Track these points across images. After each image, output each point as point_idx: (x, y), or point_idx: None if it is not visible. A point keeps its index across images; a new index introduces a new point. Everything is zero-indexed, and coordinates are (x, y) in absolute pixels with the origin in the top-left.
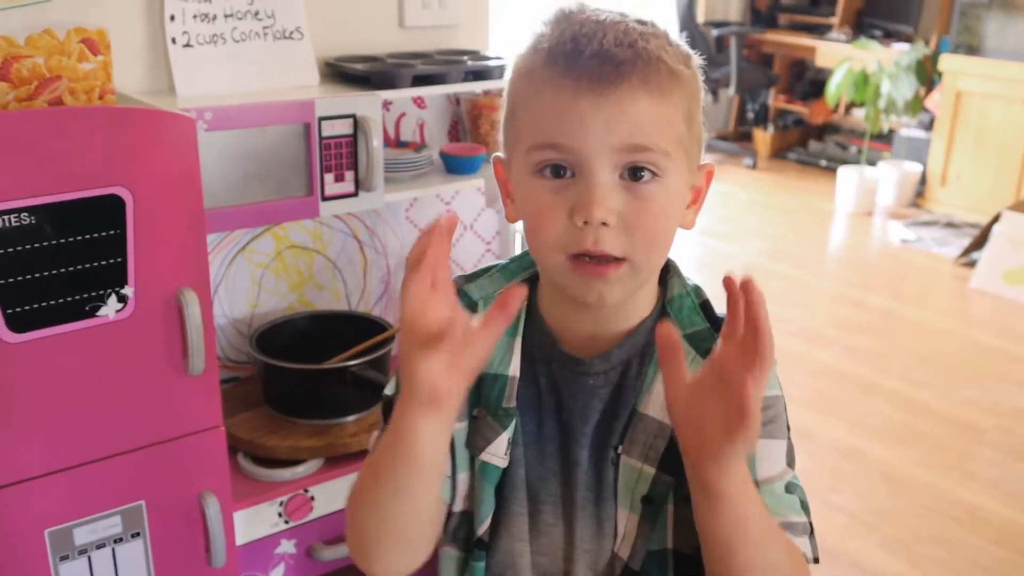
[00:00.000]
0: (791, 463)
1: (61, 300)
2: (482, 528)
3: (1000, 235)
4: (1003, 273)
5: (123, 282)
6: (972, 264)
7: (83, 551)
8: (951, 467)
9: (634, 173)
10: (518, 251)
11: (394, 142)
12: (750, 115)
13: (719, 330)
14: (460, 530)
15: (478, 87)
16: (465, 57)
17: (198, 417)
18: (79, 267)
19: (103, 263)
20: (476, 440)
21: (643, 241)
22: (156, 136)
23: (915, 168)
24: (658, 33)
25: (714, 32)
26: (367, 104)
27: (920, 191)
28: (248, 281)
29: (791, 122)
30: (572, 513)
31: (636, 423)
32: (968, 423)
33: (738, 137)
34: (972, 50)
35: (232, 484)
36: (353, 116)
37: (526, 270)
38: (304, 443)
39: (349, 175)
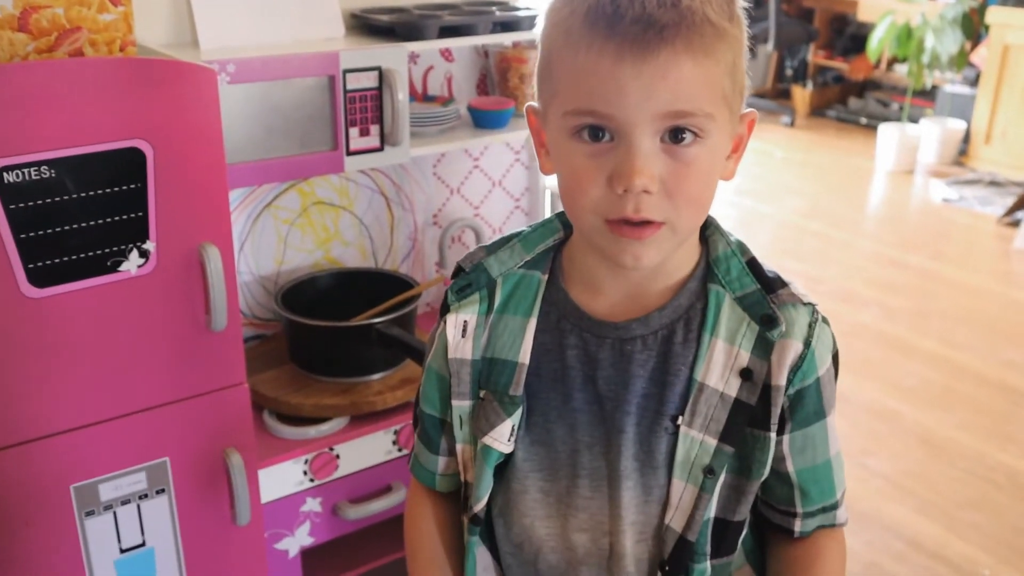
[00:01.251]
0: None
1: (82, 255)
2: (479, 505)
3: None
4: None
5: (144, 237)
6: (1016, 224)
7: (108, 507)
8: (990, 430)
9: (675, 135)
10: (548, 208)
11: (421, 96)
12: (788, 71)
13: (771, 291)
14: (467, 500)
15: (507, 39)
16: (493, 8)
17: (221, 374)
18: (100, 221)
19: (124, 217)
20: (480, 423)
21: (685, 205)
22: (177, 88)
23: (959, 125)
24: None
25: None
26: (392, 56)
27: (963, 149)
28: (274, 238)
29: (831, 78)
30: (616, 484)
31: (697, 394)
32: (1008, 385)
33: (776, 94)
34: (1021, 2)
35: (257, 442)
36: (378, 68)
37: (549, 237)
38: (329, 401)
39: (374, 129)
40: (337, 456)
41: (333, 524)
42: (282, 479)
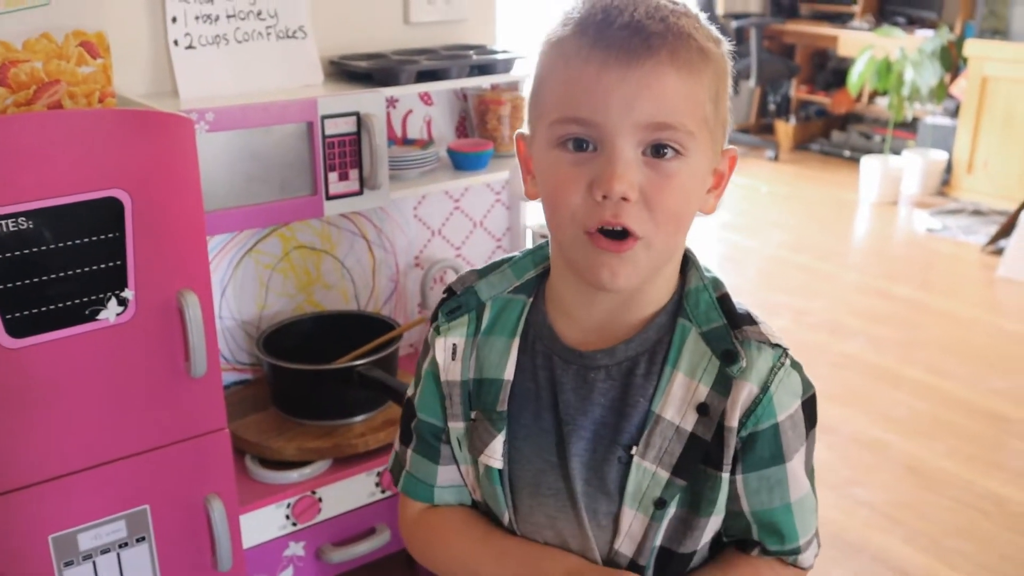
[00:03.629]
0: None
1: (61, 304)
2: (505, 518)
3: None
4: None
5: (123, 285)
6: (999, 252)
7: (88, 556)
8: (978, 459)
9: (657, 150)
10: (529, 247)
11: (401, 140)
12: (771, 107)
13: (737, 327)
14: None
15: (484, 82)
16: (470, 52)
17: (201, 420)
18: (78, 271)
19: (103, 266)
20: (475, 442)
21: (663, 219)
22: (155, 138)
23: (940, 156)
24: (689, 13)
25: (734, 23)
26: (370, 101)
27: (946, 179)
28: (255, 282)
29: (813, 113)
30: (576, 506)
31: (653, 426)
32: (996, 414)
33: (759, 129)
34: (998, 34)
35: (239, 487)
36: (356, 114)
37: (538, 265)
38: (311, 444)
39: (354, 173)
40: (320, 499)
41: (317, 568)
42: (264, 524)
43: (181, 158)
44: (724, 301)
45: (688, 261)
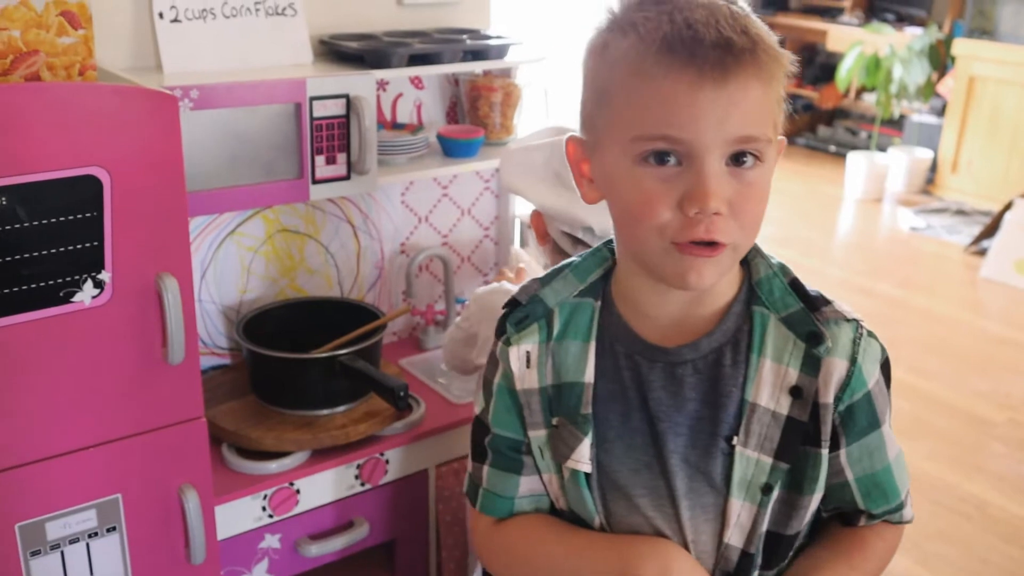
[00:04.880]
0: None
1: (34, 285)
2: (596, 522)
3: (1012, 223)
4: (1015, 262)
5: (100, 267)
6: (983, 252)
7: (55, 546)
8: (960, 461)
9: (737, 158)
10: (517, 238)
11: (390, 124)
12: None
13: (815, 309)
14: None
15: (477, 67)
16: (464, 36)
17: (178, 408)
18: (53, 251)
19: (79, 247)
20: (560, 448)
21: (749, 226)
22: (136, 115)
23: (926, 154)
24: (751, 14)
25: None
26: (360, 84)
27: (931, 178)
28: (237, 266)
29: (800, 107)
30: (675, 503)
31: (750, 414)
32: (978, 416)
33: None
34: (986, 34)
35: (215, 476)
36: (346, 96)
37: (600, 267)
38: (290, 435)
39: (341, 157)
40: (298, 491)
41: (293, 561)
42: (240, 515)
43: (164, 136)
44: (796, 285)
45: (751, 249)
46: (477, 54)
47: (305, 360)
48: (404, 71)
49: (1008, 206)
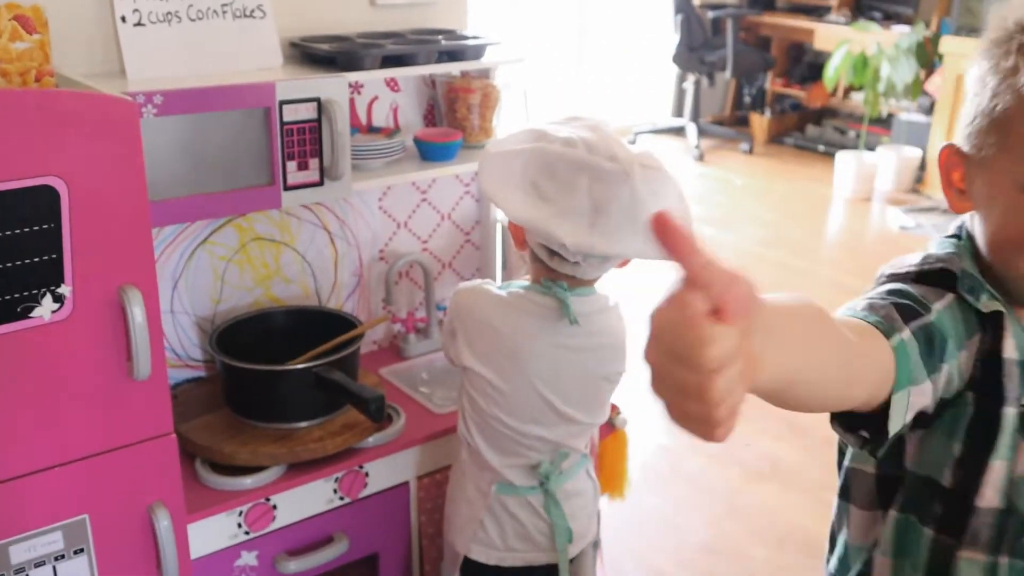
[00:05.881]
0: None
1: None
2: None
3: None
4: None
5: (59, 280)
6: None
7: (20, 570)
8: None
9: None
10: (499, 242)
11: (366, 127)
12: (747, 99)
13: None
14: (990, 531)
15: (454, 68)
16: (439, 36)
17: (146, 424)
18: (9, 264)
19: (36, 260)
20: None
21: None
22: (94, 122)
23: (915, 153)
24: None
25: (710, 14)
26: (332, 87)
27: (919, 176)
28: (210, 275)
29: (788, 106)
30: None
31: None
32: None
33: (734, 122)
34: (974, 32)
35: (188, 493)
36: (317, 100)
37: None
38: (266, 448)
39: (314, 163)
40: (274, 507)
41: None
42: (214, 532)
43: (124, 144)
44: None
45: None
46: (453, 55)
47: (280, 372)
48: (378, 73)
49: None
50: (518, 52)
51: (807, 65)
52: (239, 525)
